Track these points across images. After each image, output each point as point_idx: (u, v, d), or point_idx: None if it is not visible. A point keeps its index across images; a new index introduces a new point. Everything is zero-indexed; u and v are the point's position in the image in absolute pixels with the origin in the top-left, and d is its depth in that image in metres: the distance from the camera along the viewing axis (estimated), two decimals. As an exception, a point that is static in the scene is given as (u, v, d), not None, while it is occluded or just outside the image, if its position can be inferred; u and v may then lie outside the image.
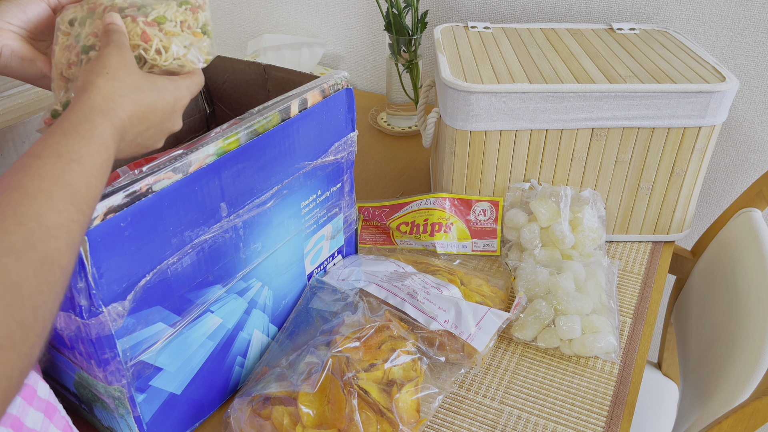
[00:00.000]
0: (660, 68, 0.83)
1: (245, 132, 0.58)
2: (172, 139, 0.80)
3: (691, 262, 1.02)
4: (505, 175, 0.86)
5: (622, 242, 0.92)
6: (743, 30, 1.02)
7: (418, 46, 1.13)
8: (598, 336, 0.71)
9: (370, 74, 1.39)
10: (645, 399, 1.02)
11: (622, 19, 1.10)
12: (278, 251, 0.67)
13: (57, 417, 0.51)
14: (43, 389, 0.50)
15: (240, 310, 0.65)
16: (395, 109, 1.21)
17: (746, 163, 1.12)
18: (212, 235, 0.57)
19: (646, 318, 0.80)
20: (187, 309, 0.58)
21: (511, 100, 0.79)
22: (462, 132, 0.82)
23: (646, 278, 0.86)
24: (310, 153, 0.67)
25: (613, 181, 0.86)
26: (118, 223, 0.48)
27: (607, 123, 0.81)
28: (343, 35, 1.37)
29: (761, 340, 0.75)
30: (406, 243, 0.90)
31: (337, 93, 0.68)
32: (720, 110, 0.80)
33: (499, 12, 1.18)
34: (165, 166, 0.51)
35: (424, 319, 0.70)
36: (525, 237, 0.83)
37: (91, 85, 0.46)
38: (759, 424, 0.62)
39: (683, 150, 0.83)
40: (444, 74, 0.81)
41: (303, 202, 0.69)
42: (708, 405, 0.80)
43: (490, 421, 0.67)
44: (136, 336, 0.53)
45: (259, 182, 0.61)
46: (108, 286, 0.49)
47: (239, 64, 0.78)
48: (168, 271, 0.54)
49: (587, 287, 0.76)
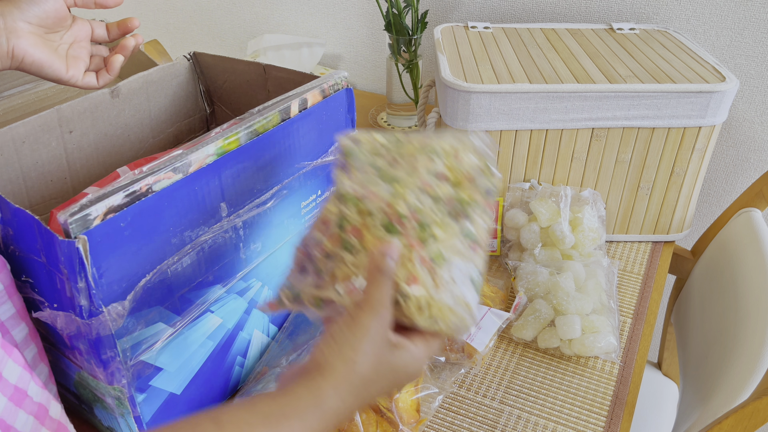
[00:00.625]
0: (660, 68, 0.83)
1: (245, 132, 0.58)
2: (171, 139, 0.80)
3: (691, 262, 1.02)
4: (505, 175, 0.86)
5: (622, 242, 0.92)
6: (743, 30, 1.02)
7: (418, 46, 1.13)
8: (598, 336, 0.71)
9: (370, 74, 1.39)
10: (645, 399, 1.02)
11: (622, 19, 1.10)
12: (278, 251, 0.67)
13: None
14: (54, 409, 0.50)
15: (240, 310, 0.65)
16: (395, 109, 1.21)
17: (746, 163, 1.12)
18: (212, 235, 0.57)
19: (646, 318, 0.80)
20: (187, 309, 0.57)
21: (511, 100, 0.79)
22: (462, 132, 0.82)
23: (646, 278, 0.86)
24: (310, 153, 0.67)
25: (613, 181, 0.86)
26: (118, 223, 0.48)
27: (607, 123, 0.81)
28: (343, 35, 1.37)
29: (761, 340, 0.75)
30: (406, 243, 0.90)
31: (337, 93, 0.68)
32: (720, 110, 0.80)
33: (499, 12, 1.18)
34: (165, 166, 0.51)
35: (424, 319, 0.69)
36: (525, 237, 0.83)
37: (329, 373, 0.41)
38: (759, 424, 0.62)
39: (683, 150, 0.83)
40: (444, 74, 0.81)
41: (303, 202, 0.69)
42: (708, 405, 0.80)
43: (490, 421, 0.67)
44: (136, 336, 0.53)
45: (259, 182, 0.61)
46: (108, 286, 0.49)
47: (239, 64, 0.78)
48: (168, 271, 0.54)
49: (587, 287, 0.76)
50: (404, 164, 0.53)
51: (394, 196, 0.50)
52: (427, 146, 0.54)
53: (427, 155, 0.53)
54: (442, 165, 0.53)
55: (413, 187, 0.51)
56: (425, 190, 0.51)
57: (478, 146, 0.55)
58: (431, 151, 0.54)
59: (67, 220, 0.45)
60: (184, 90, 0.79)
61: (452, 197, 0.51)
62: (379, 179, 0.52)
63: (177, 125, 0.80)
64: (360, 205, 0.50)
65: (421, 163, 0.53)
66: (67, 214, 0.45)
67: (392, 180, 0.52)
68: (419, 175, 0.52)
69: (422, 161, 0.53)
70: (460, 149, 0.54)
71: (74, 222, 0.45)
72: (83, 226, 0.46)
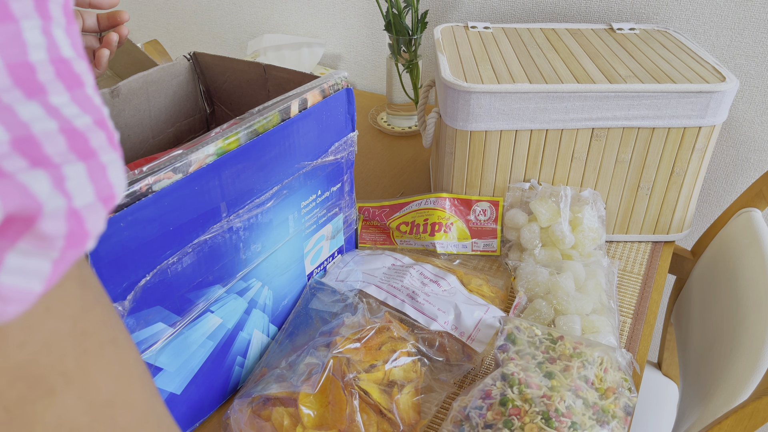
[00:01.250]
0: (660, 68, 0.83)
1: (245, 132, 0.58)
2: (171, 139, 0.80)
3: (691, 262, 1.02)
4: (505, 175, 0.86)
5: (622, 242, 0.92)
6: (743, 30, 1.02)
7: (418, 46, 1.13)
8: (598, 336, 0.71)
9: (370, 74, 1.39)
10: (645, 399, 1.02)
11: (622, 19, 1.10)
12: (278, 251, 0.67)
13: None
14: None
15: (240, 310, 0.65)
16: (395, 109, 1.21)
17: (746, 163, 1.12)
18: (212, 235, 0.57)
19: (646, 318, 0.80)
20: (187, 309, 0.57)
21: (511, 100, 0.79)
22: (462, 132, 0.82)
23: (646, 278, 0.86)
24: (310, 153, 0.67)
25: (613, 181, 0.86)
26: (118, 223, 0.48)
27: (607, 123, 0.81)
28: (343, 35, 1.37)
29: (761, 340, 0.75)
30: (406, 243, 0.90)
31: (337, 93, 0.68)
32: (720, 110, 0.80)
33: (499, 12, 1.18)
34: (165, 166, 0.51)
35: (424, 320, 0.69)
36: (525, 237, 0.83)
37: None
38: (759, 424, 0.62)
39: (683, 150, 0.83)
40: (444, 74, 0.81)
41: (303, 202, 0.69)
42: (708, 405, 0.80)
43: (490, 421, 0.67)
44: (136, 336, 0.53)
45: (259, 182, 0.61)
46: (108, 286, 0.49)
47: (239, 64, 0.78)
48: (168, 271, 0.54)
49: (587, 287, 0.76)
50: (560, 363, 0.61)
51: (552, 390, 0.57)
52: (581, 352, 0.62)
53: (581, 361, 0.61)
54: (593, 374, 0.60)
55: (567, 387, 0.58)
56: (577, 392, 0.58)
57: (622, 364, 0.62)
58: (584, 359, 0.61)
59: (67, 220, 0.45)
60: (184, 90, 0.79)
61: (598, 405, 0.57)
62: (539, 370, 0.60)
63: (177, 125, 0.80)
64: (523, 389, 0.57)
65: (575, 366, 0.60)
66: (67, 214, 0.45)
67: (550, 375, 0.59)
68: (572, 377, 0.59)
69: (576, 364, 0.60)
70: (607, 364, 0.61)
71: (74, 222, 0.45)
72: (83, 226, 0.46)
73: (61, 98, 0.21)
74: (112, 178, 0.22)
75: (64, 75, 0.21)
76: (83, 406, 0.23)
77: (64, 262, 0.21)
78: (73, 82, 0.21)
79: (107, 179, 0.22)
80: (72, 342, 0.23)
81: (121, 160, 0.23)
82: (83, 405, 0.23)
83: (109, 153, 0.22)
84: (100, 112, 0.22)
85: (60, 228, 0.20)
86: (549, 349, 0.64)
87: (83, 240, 0.21)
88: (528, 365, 0.61)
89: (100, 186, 0.21)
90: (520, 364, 0.61)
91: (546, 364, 0.61)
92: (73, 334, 0.23)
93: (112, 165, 0.22)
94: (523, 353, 0.63)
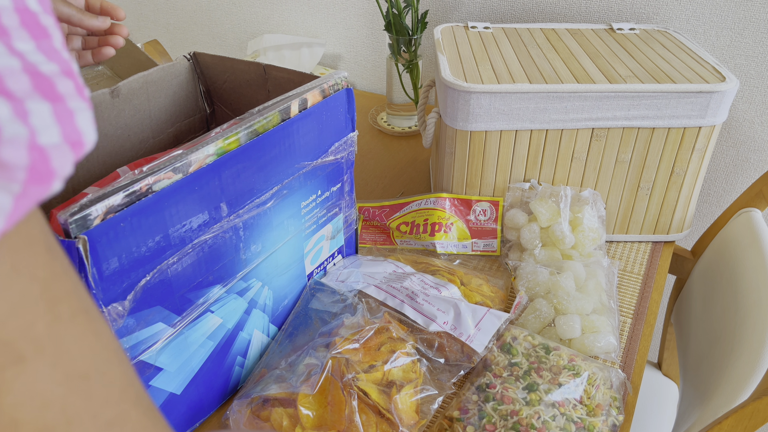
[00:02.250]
0: (660, 68, 0.83)
1: (245, 132, 0.58)
2: (171, 139, 0.80)
3: (691, 262, 1.02)
4: (505, 175, 0.86)
5: (622, 242, 0.92)
6: (743, 30, 1.02)
7: (418, 46, 1.13)
8: (598, 336, 0.71)
9: (370, 74, 1.39)
10: (645, 399, 1.02)
11: (622, 19, 1.10)
12: (278, 251, 0.67)
13: None
14: None
15: (240, 310, 0.65)
16: (395, 109, 1.21)
17: (746, 163, 1.12)
18: (212, 235, 0.57)
19: (646, 318, 0.80)
20: (187, 309, 0.57)
21: (511, 100, 0.79)
22: (462, 132, 0.82)
23: (646, 278, 0.86)
24: (310, 153, 0.67)
25: (613, 181, 0.86)
26: (118, 223, 0.48)
27: (607, 123, 0.81)
28: (343, 35, 1.37)
29: (761, 340, 0.75)
30: (406, 243, 0.90)
31: (337, 93, 0.68)
32: (720, 110, 0.80)
33: (499, 12, 1.18)
34: (165, 166, 0.51)
35: (424, 321, 0.69)
36: (525, 237, 0.83)
37: None
38: (759, 424, 0.62)
39: (683, 150, 0.83)
40: (444, 74, 0.81)
41: (303, 202, 0.69)
42: (708, 405, 0.80)
43: (490, 421, 0.67)
44: (136, 336, 0.53)
45: (259, 182, 0.61)
46: (108, 286, 0.49)
47: (239, 64, 0.78)
48: (168, 271, 0.54)
49: (587, 287, 0.76)
50: (547, 374, 0.61)
51: (529, 405, 0.58)
52: (574, 365, 0.62)
53: (572, 374, 0.61)
54: (582, 389, 0.60)
55: (548, 402, 0.58)
56: (560, 408, 0.58)
57: (615, 383, 0.62)
58: (576, 372, 0.62)
59: (67, 220, 0.45)
60: (184, 90, 0.79)
61: (583, 423, 0.57)
62: (520, 382, 0.61)
63: (177, 125, 0.80)
64: (497, 407, 0.59)
65: (564, 380, 0.60)
66: (67, 214, 0.45)
67: (531, 387, 0.60)
68: (557, 390, 0.59)
69: (565, 377, 0.61)
70: (600, 381, 0.61)
71: (74, 222, 0.45)
72: (83, 226, 0.46)
73: (25, 45, 0.20)
74: (81, 125, 0.21)
75: (29, 24, 0.20)
76: (57, 376, 0.22)
77: (27, 198, 0.19)
78: (39, 32, 0.20)
79: (75, 124, 0.20)
80: (42, 307, 0.21)
81: (91, 112, 0.22)
82: (57, 375, 0.22)
83: (77, 101, 0.21)
84: (69, 64, 0.21)
85: (20, 158, 0.18)
86: (541, 359, 0.64)
87: (48, 178, 0.19)
88: (510, 376, 0.62)
89: (68, 129, 0.20)
90: (502, 377, 0.63)
91: (531, 374, 0.62)
92: (44, 298, 0.21)
93: (80, 113, 0.21)
94: (511, 362, 0.64)
